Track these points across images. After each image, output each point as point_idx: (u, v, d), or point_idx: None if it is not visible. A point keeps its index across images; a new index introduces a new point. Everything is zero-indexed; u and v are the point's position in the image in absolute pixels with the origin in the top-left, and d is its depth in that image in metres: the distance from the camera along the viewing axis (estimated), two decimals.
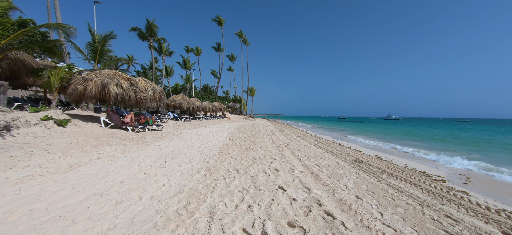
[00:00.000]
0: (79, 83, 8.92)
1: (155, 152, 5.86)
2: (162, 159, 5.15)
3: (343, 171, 6.27)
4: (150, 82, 14.19)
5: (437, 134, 26.40)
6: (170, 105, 21.35)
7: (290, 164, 5.88)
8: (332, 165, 6.90)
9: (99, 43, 16.35)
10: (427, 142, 18.87)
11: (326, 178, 5.05)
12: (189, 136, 9.94)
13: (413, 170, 8.27)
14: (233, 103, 55.86)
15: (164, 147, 6.73)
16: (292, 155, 7.46)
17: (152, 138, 8.17)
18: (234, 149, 7.38)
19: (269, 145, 9.28)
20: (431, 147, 15.42)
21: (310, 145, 12.18)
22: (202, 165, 4.87)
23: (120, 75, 9.86)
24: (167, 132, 10.38)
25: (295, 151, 8.48)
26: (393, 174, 7.00)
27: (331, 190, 4.21)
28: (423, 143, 17.90)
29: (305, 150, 9.48)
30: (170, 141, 7.94)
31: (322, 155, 8.78)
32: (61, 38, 13.68)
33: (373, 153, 12.23)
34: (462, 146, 15.84)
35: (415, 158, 11.36)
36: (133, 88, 10.04)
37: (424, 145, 16.35)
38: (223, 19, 43.87)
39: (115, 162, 4.57)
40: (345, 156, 9.67)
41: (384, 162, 9.59)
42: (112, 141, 6.77)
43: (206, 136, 10.32)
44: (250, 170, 4.70)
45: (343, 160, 8.58)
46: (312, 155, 8.31)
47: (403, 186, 5.62)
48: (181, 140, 8.51)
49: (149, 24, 26.70)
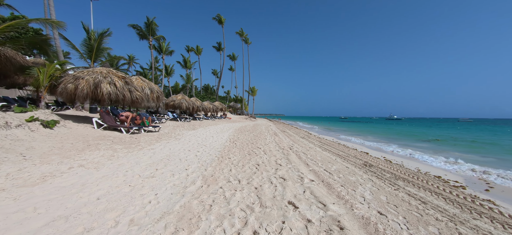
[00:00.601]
0: (70, 82, 8.35)
1: (147, 157, 5.26)
2: (154, 166, 4.54)
3: (356, 178, 5.65)
4: (148, 81, 13.62)
5: (443, 135, 25.67)
6: (169, 105, 20.78)
7: (298, 171, 5.26)
8: (342, 170, 6.28)
9: (95, 41, 15.80)
10: (433, 143, 18.19)
11: (339, 187, 4.44)
12: (187, 138, 9.34)
13: (427, 175, 7.70)
14: (234, 103, 55.26)
15: (159, 151, 6.13)
16: (298, 160, 6.85)
17: (147, 141, 7.58)
18: (235, 153, 6.78)
19: (272, 147, 8.68)
20: (438, 148, 14.77)
21: (315, 147, 11.57)
22: (199, 173, 4.26)
23: (114, 73, 9.28)
24: (164, 134, 9.79)
25: (301, 155, 7.87)
26: (408, 180, 6.39)
27: (349, 204, 3.60)
28: (429, 144, 17.25)
29: (311, 153, 8.87)
30: (166, 144, 7.34)
31: (330, 158, 8.16)
32: (55, 34, 13.14)
33: (381, 155, 11.64)
34: (470, 148, 15.15)
35: (424, 160, 10.80)
36: (128, 87, 9.46)
37: (431, 147, 15.70)
38: (223, 18, 43.26)
39: (98, 170, 3.96)
40: (354, 160, 9.07)
41: (394, 165, 9.01)
42: (101, 145, 6.18)
43: (206, 138, 9.71)
44: (254, 180, 4.08)
45: (352, 164, 7.97)
46: (319, 158, 7.70)
47: (425, 195, 5.01)
48: (178, 142, 7.91)
49: (148, 22, 26.14)
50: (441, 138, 21.37)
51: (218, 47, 51.02)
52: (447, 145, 16.57)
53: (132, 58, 52.38)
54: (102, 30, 15.96)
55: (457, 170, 9.04)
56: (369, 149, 13.68)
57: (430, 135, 24.48)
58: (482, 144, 17.44)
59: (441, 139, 20.54)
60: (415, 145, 16.49)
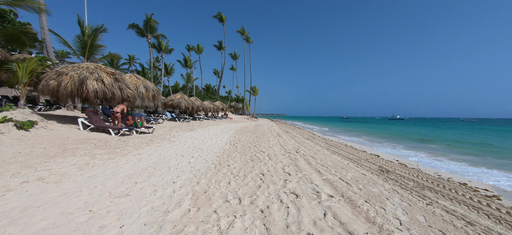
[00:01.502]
0: (52, 78, 7.50)
1: (129, 165, 4.37)
2: (134, 178, 3.65)
3: (378, 188, 4.74)
4: (143, 79, 12.78)
5: (449, 135, 24.59)
6: (167, 105, 19.94)
7: (311, 182, 4.35)
8: (360, 178, 5.38)
9: (89, 37, 14.98)
10: (440, 143, 17.18)
11: (365, 204, 3.54)
12: (183, 140, 8.46)
13: (450, 182, 6.92)
14: (236, 103, 54.38)
15: (146, 157, 5.24)
16: (308, 165, 5.94)
17: (136, 144, 6.70)
18: (236, 158, 5.87)
19: (277, 151, 7.77)
20: (448, 150, 13.81)
21: (322, 149, 10.66)
22: (189, 188, 3.36)
23: (103, 69, 8.43)
24: (157, 136, 8.92)
25: (309, 159, 6.96)
26: (435, 190, 5.58)
27: (385, 231, 2.69)
28: (437, 145, 16.29)
29: (320, 157, 7.97)
30: (157, 148, 6.46)
31: (341, 163, 7.25)
32: (44, 30, 12.33)
33: (393, 158, 10.85)
34: (481, 150, 14.11)
35: (437, 163, 9.93)
36: (118, 84, 8.60)
37: (440, 148, 14.73)
38: (224, 16, 42.39)
39: (58, 185, 3.09)
40: (367, 164, 8.18)
41: (411, 170, 8.20)
42: (79, 150, 5.31)
43: (203, 140, 8.82)
44: (259, 197, 3.18)
45: (367, 169, 7.07)
46: (330, 163, 6.79)
47: (465, 212, 4.15)
48: (172, 146, 7.03)
49: (147, 19, 25.32)
50: (453, 139, 20.31)
51: (219, 46, 50.15)
52: (460, 146, 15.54)
53: (132, 57, 51.77)
54: (97, 26, 15.16)
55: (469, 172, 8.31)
56: (378, 151, 12.77)
57: (438, 136, 23.42)
58: (496, 145, 16.40)
59: (453, 140, 19.48)
60: (422, 146, 15.53)
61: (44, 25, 12.57)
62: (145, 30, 25.44)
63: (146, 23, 25.37)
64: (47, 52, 12.78)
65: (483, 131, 33.38)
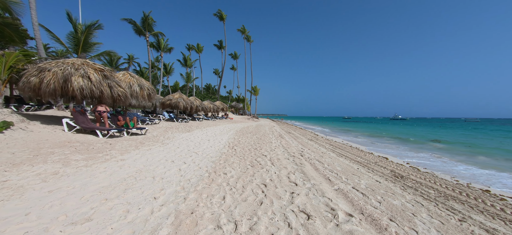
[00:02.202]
0: (33, 75, 6.84)
1: (105, 175, 3.68)
2: (106, 192, 2.96)
3: (399, 200, 4.05)
4: (137, 77, 12.10)
5: (455, 135, 23.78)
6: (165, 104, 19.27)
7: (322, 194, 3.65)
8: (375, 187, 4.68)
9: (82, 34, 14.34)
10: (447, 144, 16.41)
11: (391, 225, 2.85)
12: (178, 142, 7.77)
13: (471, 188, 6.31)
14: (236, 103, 53.68)
15: (130, 163, 4.55)
16: (316, 172, 5.23)
17: (123, 147, 6.02)
18: (234, 164, 5.17)
19: (280, 154, 7.06)
20: (458, 151, 13.08)
21: (327, 151, 9.95)
22: (172, 207, 2.67)
23: (90, 65, 7.75)
24: (150, 137, 8.23)
25: (316, 164, 6.25)
26: (460, 200, 5.06)
27: None
28: (445, 146, 15.53)
29: (327, 160, 7.27)
30: (146, 152, 5.77)
31: (351, 168, 6.54)
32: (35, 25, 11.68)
33: (402, 161, 10.21)
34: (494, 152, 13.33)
35: (447, 166, 9.31)
36: (107, 82, 7.92)
37: (448, 148, 14.00)
38: (225, 14, 41.69)
39: (4, 205, 2.40)
40: (378, 168, 7.47)
41: (425, 174, 7.64)
42: (55, 155, 4.63)
43: (200, 142, 8.13)
44: (260, 220, 2.48)
45: (380, 175, 6.37)
46: (339, 169, 6.09)
47: (504, 229, 3.49)
48: (163, 149, 6.33)
49: (145, 17, 24.67)
50: (460, 141, 19.50)
51: (220, 45, 49.47)
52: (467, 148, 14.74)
53: (132, 57, 51.25)
54: (90, 22, 14.53)
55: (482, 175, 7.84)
56: (386, 153, 12.06)
57: (444, 136, 22.61)
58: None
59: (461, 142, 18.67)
60: (429, 146, 14.79)
61: (34, 20, 11.91)
62: (143, 28, 24.79)
63: (143, 20, 24.72)
64: (38, 49, 12.14)
65: (487, 131, 32.49)
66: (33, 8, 11.82)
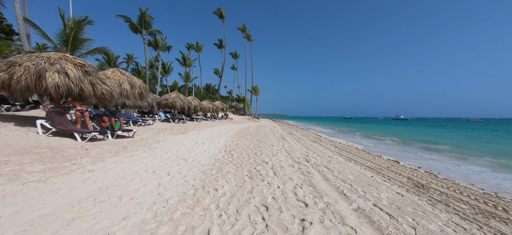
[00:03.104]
0: (2, 70, 5.99)
1: (57, 195, 2.80)
2: (42, 225, 2.10)
3: (435, 223, 3.27)
4: (129, 75, 11.25)
5: (463, 136, 22.78)
6: (161, 104, 18.41)
7: (341, 219, 2.79)
8: (400, 203, 3.83)
9: (71, 29, 13.50)
10: (450, 145, 15.47)
11: None
12: (167, 146, 6.89)
13: (501, 199, 5.50)
14: (237, 103, 52.79)
15: (98, 176, 3.67)
16: (326, 183, 4.35)
17: (99, 153, 5.15)
18: (229, 174, 4.29)
19: (283, 160, 6.17)
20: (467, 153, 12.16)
21: (334, 155, 9.08)
22: None
23: (70, 60, 6.89)
24: (137, 141, 7.36)
25: (324, 171, 5.37)
26: (501, 217, 4.58)
27: None
28: (447, 147, 14.62)
29: (335, 166, 6.40)
30: (126, 159, 4.89)
31: (363, 175, 5.67)
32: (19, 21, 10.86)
33: (416, 165, 9.17)
34: None
35: (462, 170, 8.52)
36: (89, 79, 7.06)
37: (457, 151, 13.07)
38: (225, 12, 40.82)
39: None
40: (392, 175, 6.62)
41: (444, 181, 6.85)
42: (8, 165, 3.76)
43: (192, 146, 7.25)
44: None
45: (399, 184, 5.53)
46: (352, 177, 5.22)
47: None
48: (148, 155, 5.45)
49: (141, 14, 23.83)
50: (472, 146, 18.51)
51: (220, 44, 48.60)
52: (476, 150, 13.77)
53: (131, 56, 50.57)
54: (80, 17, 13.70)
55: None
56: (395, 156, 11.16)
57: (450, 137, 21.63)
58: None
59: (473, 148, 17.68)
60: (435, 148, 13.88)
61: (17, 14, 11.11)
62: (140, 25, 23.95)
63: (140, 18, 23.88)
64: (22, 45, 11.33)
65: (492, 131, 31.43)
66: (16, 0, 11.01)
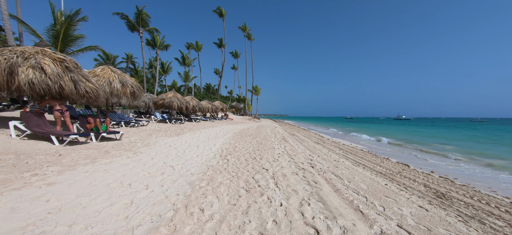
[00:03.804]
0: None
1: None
2: None
3: None
4: (120, 73, 10.56)
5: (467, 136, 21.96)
6: (158, 104, 17.74)
7: None
8: (428, 220, 3.20)
9: (62, 25, 12.85)
10: (458, 146, 14.70)
11: None
12: (156, 151, 6.18)
13: None
14: (237, 103, 52.09)
15: (57, 191, 2.97)
16: (337, 196, 3.63)
17: (73, 160, 4.45)
18: (221, 186, 3.58)
19: (285, 165, 5.45)
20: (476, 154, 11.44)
21: (340, 158, 8.36)
22: None
23: (48, 54, 6.21)
24: (123, 144, 6.66)
25: (333, 180, 4.66)
26: None
27: None
28: (462, 149, 13.87)
29: (343, 172, 5.69)
30: (101, 167, 4.19)
31: (377, 184, 4.96)
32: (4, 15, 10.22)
33: (427, 169, 8.48)
34: None
35: (479, 174, 7.86)
36: (70, 75, 6.37)
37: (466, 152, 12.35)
38: (225, 11, 40.14)
39: None
40: (408, 182, 5.93)
41: (464, 189, 5.96)
42: None
43: (185, 150, 6.54)
44: None
45: (418, 194, 4.86)
46: (364, 186, 4.52)
47: None
48: (130, 162, 4.75)
49: (138, 12, 23.16)
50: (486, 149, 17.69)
51: (220, 44, 47.91)
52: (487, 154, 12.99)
53: (130, 56, 50.07)
54: (70, 11, 13.03)
55: None
56: (404, 159, 10.45)
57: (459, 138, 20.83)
58: None
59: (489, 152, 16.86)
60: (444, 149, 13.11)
61: (3, 9, 10.45)
62: (136, 23, 23.28)
63: (137, 15, 23.22)
64: (8, 41, 10.68)
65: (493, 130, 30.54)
66: None
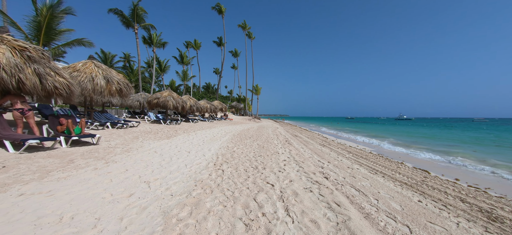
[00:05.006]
0: None
1: None
2: None
3: None
4: (105, 68, 9.47)
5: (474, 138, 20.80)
6: (152, 104, 16.66)
7: None
8: None
9: (45, 17, 11.76)
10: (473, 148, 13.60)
11: None
12: (135, 159, 5.08)
13: None
14: (237, 103, 50.97)
15: None
16: (368, 224, 2.46)
17: (18, 174, 3.36)
18: (210, 216, 2.46)
19: (294, 177, 4.32)
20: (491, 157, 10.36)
21: (353, 165, 7.30)
22: None
23: (7, 42, 5.12)
24: (99, 150, 5.57)
25: (355, 196, 3.56)
26: None
27: None
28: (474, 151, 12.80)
29: (364, 185, 4.61)
30: (48, 186, 3.09)
31: (409, 201, 3.92)
32: None
33: (450, 175, 7.35)
34: None
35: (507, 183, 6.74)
36: (34, 67, 5.29)
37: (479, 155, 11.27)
38: (224, 7, 39.05)
39: None
40: (441, 196, 4.89)
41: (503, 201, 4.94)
42: None
43: (172, 158, 5.44)
44: None
45: (464, 215, 4.14)
46: (396, 206, 3.49)
47: None
48: (93, 176, 3.66)
49: (134, 7, 22.07)
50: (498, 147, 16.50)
51: (219, 42, 46.80)
52: None
53: (128, 56, 49.05)
54: (53, 1, 11.95)
55: None
56: (417, 163, 9.37)
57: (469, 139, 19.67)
58: None
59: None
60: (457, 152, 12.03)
61: None
62: (131, 19, 22.18)
63: (132, 11, 22.13)
64: None
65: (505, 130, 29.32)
66: None
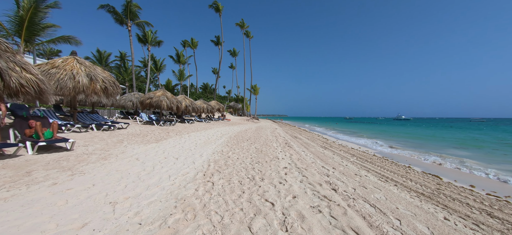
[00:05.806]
0: None
1: None
2: None
3: None
4: (89, 65, 8.69)
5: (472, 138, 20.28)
6: (145, 104, 15.87)
7: None
8: None
9: (27, 11, 10.94)
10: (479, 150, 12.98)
11: None
12: (109, 169, 4.34)
13: None
14: (235, 103, 50.20)
15: None
16: None
17: None
18: None
19: (297, 190, 3.58)
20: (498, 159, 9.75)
21: (359, 171, 6.60)
22: None
23: None
24: (70, 157, 4.81)
25: (371, 215, 2.79)
26: None
27: None
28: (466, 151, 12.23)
29: (377, 197, 3.86)
30: None
31: (435, 218, 3.13)
32: None
33: (463, 180, 6.89)
34: None
35: None
36: None
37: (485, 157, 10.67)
38: (221, 5, 38.28)
39: None
40: (465, 209, 4.14)
41: None
42: None
43: (154, 167, 4.70)
44: None
45: (493, 232, 2.83)
46: (423, 229, 2.61)
47: None
48: (45, 197, 2.92)
49: (127, 3, 21.23)
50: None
51: (217, 41, 46.03)
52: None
53: (124, 55, 48.08)
54: None
55: None
56: (426, 167, 8.72)
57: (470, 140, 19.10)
58: None
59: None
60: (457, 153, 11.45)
61: None
62: (124, 15, 21.34)
63: (125, 7, 21.29)
64: None
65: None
66: None
